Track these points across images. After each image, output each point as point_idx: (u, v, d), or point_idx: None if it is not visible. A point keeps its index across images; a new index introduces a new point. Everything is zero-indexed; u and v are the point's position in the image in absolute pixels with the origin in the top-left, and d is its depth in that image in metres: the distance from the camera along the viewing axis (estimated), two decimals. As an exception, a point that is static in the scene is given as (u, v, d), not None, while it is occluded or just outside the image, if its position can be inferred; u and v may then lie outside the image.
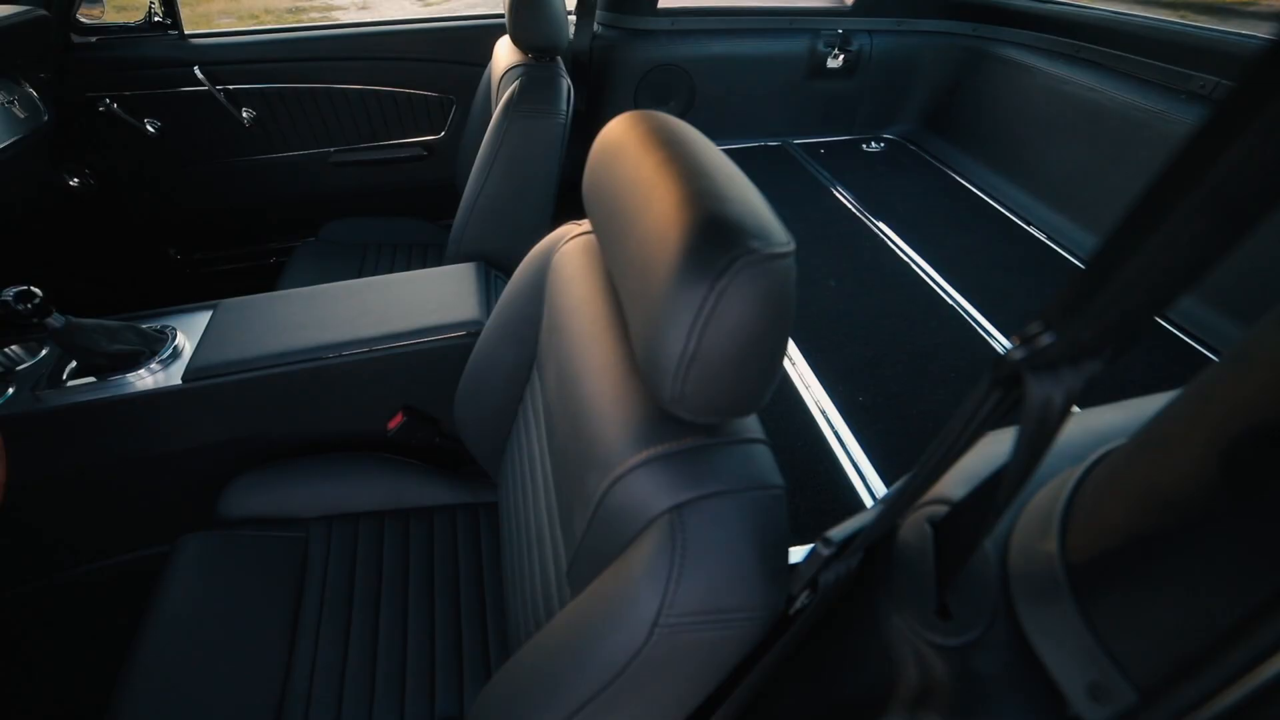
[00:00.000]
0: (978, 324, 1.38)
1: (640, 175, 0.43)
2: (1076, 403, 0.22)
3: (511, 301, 0.71)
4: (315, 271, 1.41)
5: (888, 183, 1.98)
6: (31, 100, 1.31)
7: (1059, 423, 0.22)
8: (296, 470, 0.94)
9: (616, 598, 0.40)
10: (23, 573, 1.01)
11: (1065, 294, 0.21)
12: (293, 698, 0.73)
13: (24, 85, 1.30)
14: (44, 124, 1.33)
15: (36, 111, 1.32)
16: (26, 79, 1.31)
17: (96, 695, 0.79)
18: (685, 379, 0.38)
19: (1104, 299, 0.20)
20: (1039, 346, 0.22)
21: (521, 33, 1.10)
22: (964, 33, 2.06)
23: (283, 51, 1.58)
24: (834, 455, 1.08)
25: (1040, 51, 1.87)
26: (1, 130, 1.21)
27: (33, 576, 1.04)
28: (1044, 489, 0.31)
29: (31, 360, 0.91)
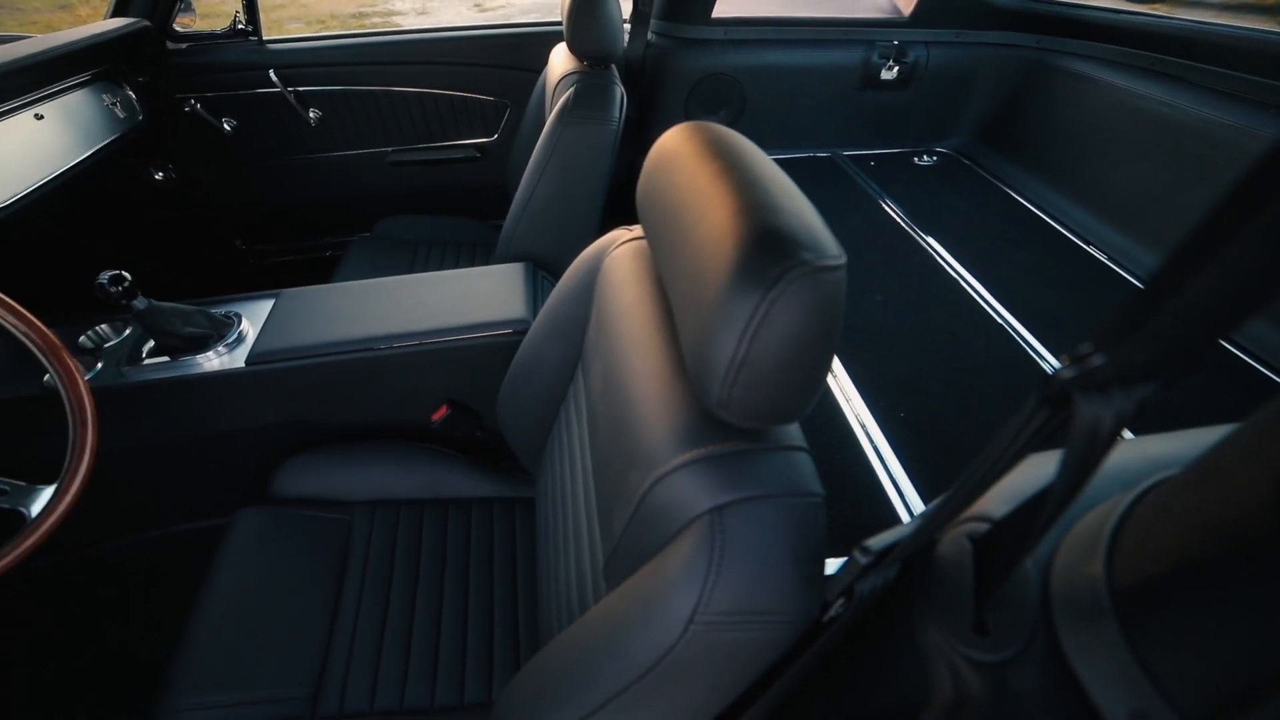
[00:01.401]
0: (1028, 344, 1.33)
1: (696, 185, 0.44)
2: (1128, 426, 0.22)
3: (560, 301, 0.73)
4: (369, 266, 1.47)
5: (939, 197, 1.93)
6: (130, 102, 1.43)
7: (1107, 445, 0.22)
8: (345, 455, 0.98)
9: (654, 593, 0.41)
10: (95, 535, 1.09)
11: (1119, 314, 0.20)
12: (332, 669, 0.76)
13: (125, 88, 1.42)
14: (139, 123, 1.44)
15: (134, 112, 1.44)
16: (127, 82, 1.43)
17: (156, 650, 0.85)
18: (734, 383, 0.38)
19: (1160, 321, 0.19)
20: (1090, 366, 0.21)
21: (578, 41, 1.13)
22: (1027, 45, 1.99)
23: (348, 56, 1.66)
24: (872, 469, 1.06)
25: (1111, 64, 1.79)
26: (104, 129, 1.33)
27: (103, 539, 1.12)
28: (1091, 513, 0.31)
29: (117, 339, 0.99)
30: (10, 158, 1.10)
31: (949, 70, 2.04)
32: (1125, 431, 0.22)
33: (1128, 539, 0.27)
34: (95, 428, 0.70)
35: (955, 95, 2.10)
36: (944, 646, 0.31)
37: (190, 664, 0.73)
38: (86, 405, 0.70)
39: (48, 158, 1.17)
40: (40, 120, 1.18)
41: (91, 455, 0.69)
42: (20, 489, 0.67)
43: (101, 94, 1.35)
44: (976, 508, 0.34)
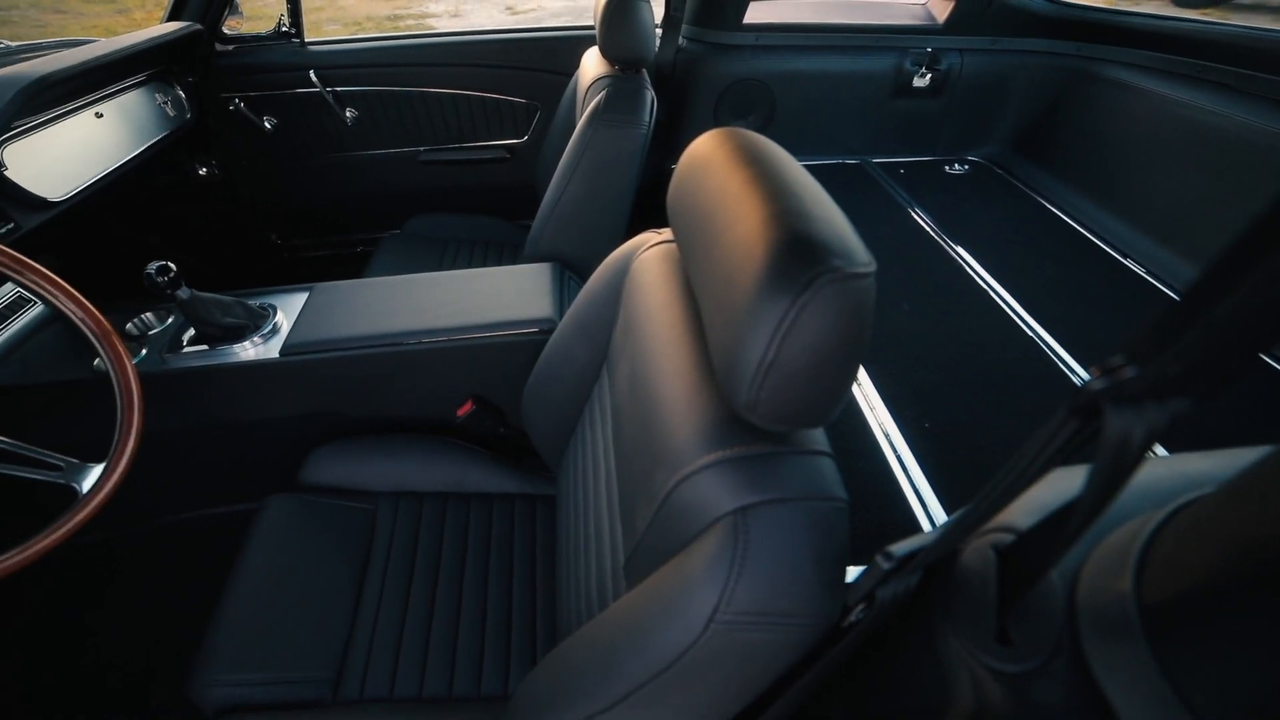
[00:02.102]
0: (1058, 358, 1.30)
1: (728, 190, 0.45)
2: (1160, 441, 0.22)
3: (588, 302, 0.74)
4: (399, 263, 1.50)
5: (969, 206, 1.90)
6: (180, 101, 1.50)
7: (1137, 459, 0.22)
8: (371, 446, 1.01)
9: (676, 591, 0.42)
10: (132, 515, 1.13)
11: (1154, 326, 0.20)
12: (354, 654, 0.78)
13: (176, 88, 1.49)
14: (187, 121, 1.51)
15: (183, 110, 1.50)
16: (178, 82, 1.50)
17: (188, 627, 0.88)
18: (761, 386, 0.39)
19: (1196, 334, 0.19)
20: (1121, 378, 0.21)
21: (611, 45, 1.14)
22: (1066, 52, 1.95)
23: (385, 57, 1.70)
24: (895, 479, 1.05)
25: (1155, 73, 1.74)
26: (156, 127, 1.39)
27: (140, 519, 1.17)
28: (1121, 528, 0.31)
29: (160, 327, 1.03)
30: (73, 153, 1.16)
31: (983, 78, 2.00)
32: (1158, 449, 0.22)
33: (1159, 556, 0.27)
34: (141, 410, 0.73)
35: (988, 103, 2.07)
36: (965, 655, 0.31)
37: (222, 641, 0.76)
38: (134, 389, 0.74)
39: (105, 153, 1.23)
40: (100, 118, 1.24)
41: (137, 436, 0.72)
42: (74, 465, 0.70)
43: (155, 93, 1.41)
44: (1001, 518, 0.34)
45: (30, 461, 0.68)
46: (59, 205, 1.09)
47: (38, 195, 1.04)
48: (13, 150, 1.03)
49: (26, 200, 1.03)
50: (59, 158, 1.12)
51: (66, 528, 0.65)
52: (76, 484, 0.69)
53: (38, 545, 0.62)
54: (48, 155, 1.10)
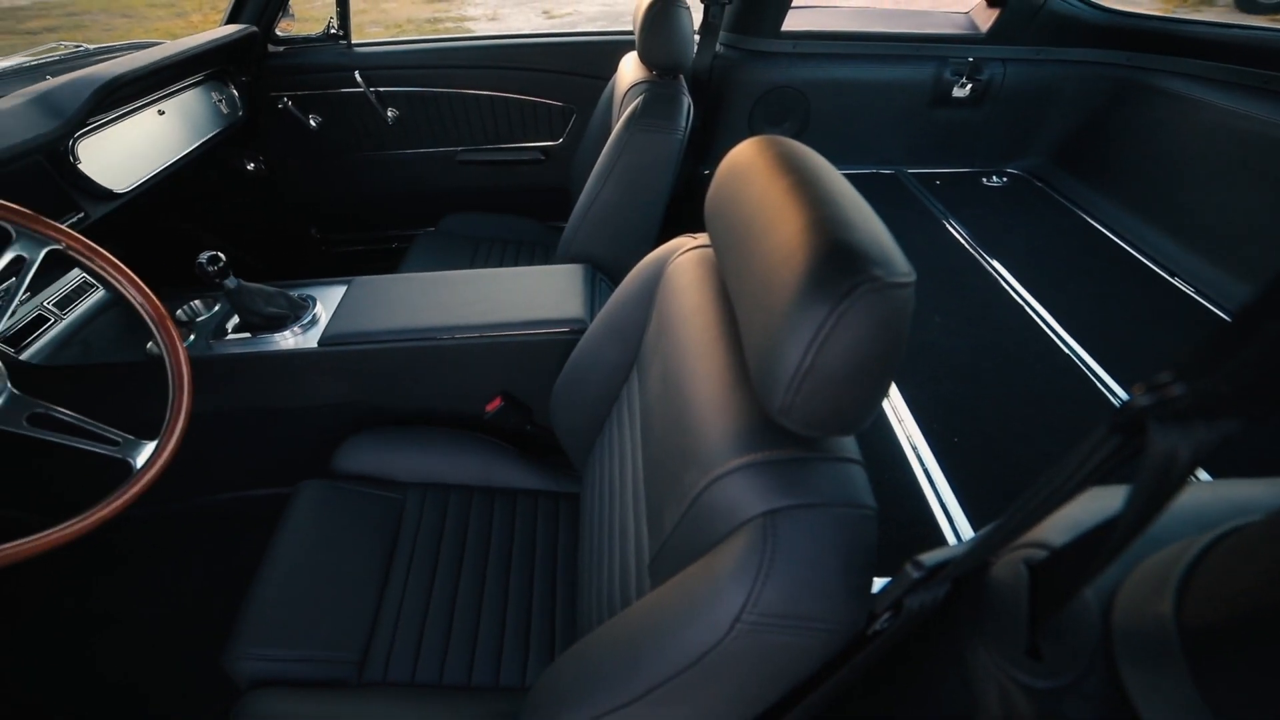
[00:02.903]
0: (1096, 377, 1.27)
1: (768, 198, 0.45)
2: (1206, 462, 0.21)
3: (621, 304, 0.75)
4: (433, 259, 1.53)
5: (1007, 219, 1.86)
6: (234, 99, 1.56)
7: (1181, 479, 0.21)
8: (401, 437, 1.03)
9: (702, 590, 0.42)
10: (173, 493, 1.18)
11: (1206, 343, 0.20)
12: (379, 639, 0.80)
13: (230, 87, 1.56)
14: (239, 119, 1.57)
15: (235, 108, 1.57)
16: (232, 82, 1.57)
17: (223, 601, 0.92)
18: (797, 391, 0.39)
19: (1252, 353, 0.19)
20: (1168, 395, 0.21)
21: (649, 51, 1.15)
22: (1117, 62, 1.89)
23: (427, 59, 1.75)
24: (921, 492, 1.04)
25: (1216, 83, 1.66)
26: (211, 123, 1.46)
27: (180, 497, 1.22)
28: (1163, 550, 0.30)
29: (208, 314, 1.08)
30: (137, 148, 1.22)
31: (1026, 88, 1.96)
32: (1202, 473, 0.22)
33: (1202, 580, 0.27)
34: (191, 392, 0.77)
35: (1030, 114, 2.02)
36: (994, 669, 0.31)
37: (255, 618, 0.79)
38: (185, 372, 0.77)
39: (165, 148, 1.30)
40: (162, 115, 1.31)
41: (186, 416, 0.76)
42: (130, 441, 0.74)
43: (211, 92, 1.48)
44: (1033, 534, 0.34)
45: (93, 436, 0.72)
46: (123, 196, 1.15)
47: (105, 187, 1.10)
48: (86, 145, 1.09)
49: (95, 191, 1.09)
50: (124, 152, 1.18)
51: (122, 500, 0.68)
52: (131, 459, 0.73)
53: (96, 515, 0.66)
54: (115, 150, 1.16)
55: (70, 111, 1.02)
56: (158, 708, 1.05)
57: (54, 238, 0.72)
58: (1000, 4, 1.84)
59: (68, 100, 1.03)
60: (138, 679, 1.08)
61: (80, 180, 1.07)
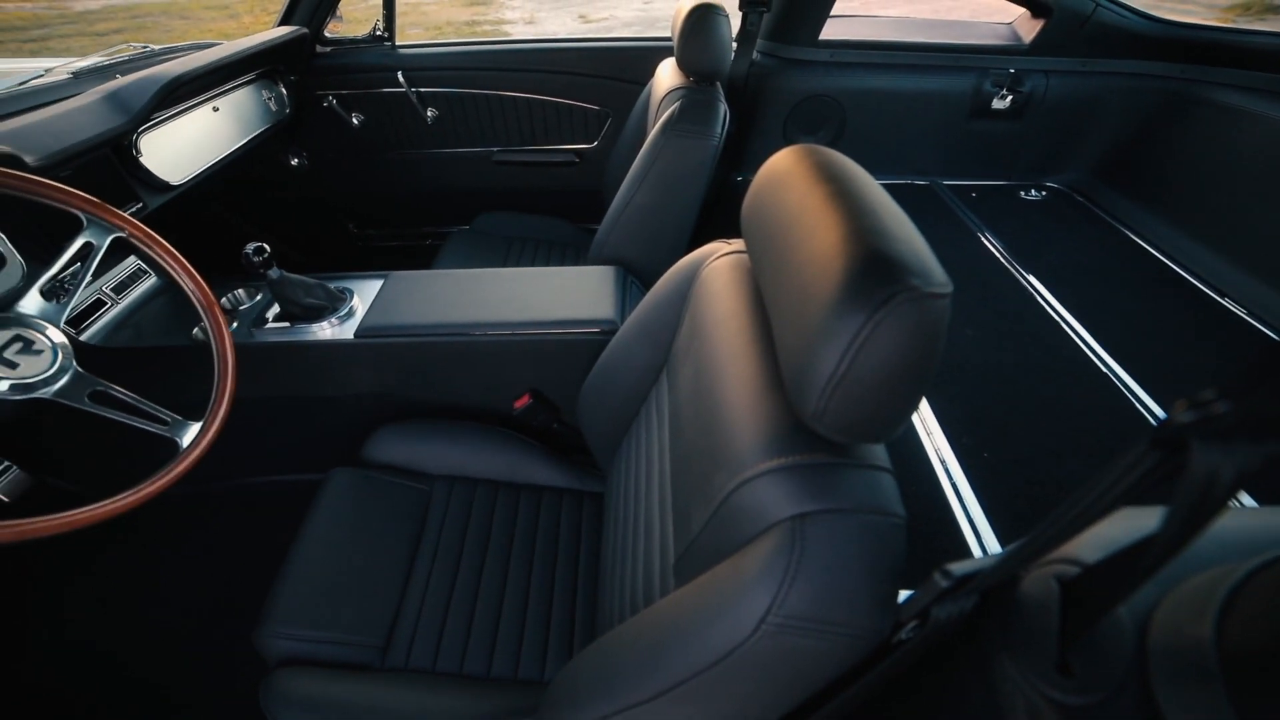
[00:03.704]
0: (1135, 396, 1.23)
1: (807, 206, 0.46)
2: (1249, 484, 0.21)
3: (653, 306, 0.75)
4: (466, 257, 1.56)
5: (1044, 234, 1.81)
6: (282, 97, 1.62)
7: (1223, 500, 0.21)
8: (431, 430, 1.05)
9: (728, 590, 0.43)
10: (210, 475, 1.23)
11: (1254, 362, 0.20)
12: (402, 626, 0.82)
13: (279, 85, 1.62)
14: (286, 116, 1.63)
15: (283, 106, 1.63)
16: (281, 80, 1.63)
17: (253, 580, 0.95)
18: (831, 396, 0.40)
19: None
20: (1212, 413, 0.21)
21: (688, 57, 1.16)
22: (1168, 75, 1.83)
23: (467, 61, 1.79)
24: (949, 507, 1.02)
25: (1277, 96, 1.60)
26: (260, 120, 1.52)
27: (217, 479, 1.26)
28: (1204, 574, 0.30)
29: (250, 303, 1.12)
30: (192, 142, 1.28)
31: (1069, 101, 1.91)
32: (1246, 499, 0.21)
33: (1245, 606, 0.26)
34: (235, 377, 0.80)
35: (1073, 127, 1.97)
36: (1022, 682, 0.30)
37: (286, 598, 0.81)
38: (229, 357, 0.80)
39: (218, 143, 1.36)
40: (216, 112, 1.36)
41: (230, 400, 0.79)
42: (178, 422, 0.77)
43: (261, 90, 1.54)
44: (1065, 550, 0.34)
45: (146, 415, 0.76)
46: (178, 188, 1.20)
47: (162, 179, 1.16)
48: (147, 139, 1.14)
49: (153, 183, 1.14)
50: (180, 146, 1.24)
51: (169, 477, 0.72)
52: (178, 438, 0.76)
53: (146, 490, 0.69)
54: (172, 144, 1.22)
55: (136, 108, 1.07)
56: (192, 679, 1.09)
57: (120, 226, 0.76)
58: (1045, 15, 1.80)
59: (135, 97, 1.08)
60: (173, 651, 1.12)
61: (141, 172, 1.12)
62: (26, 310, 0.71)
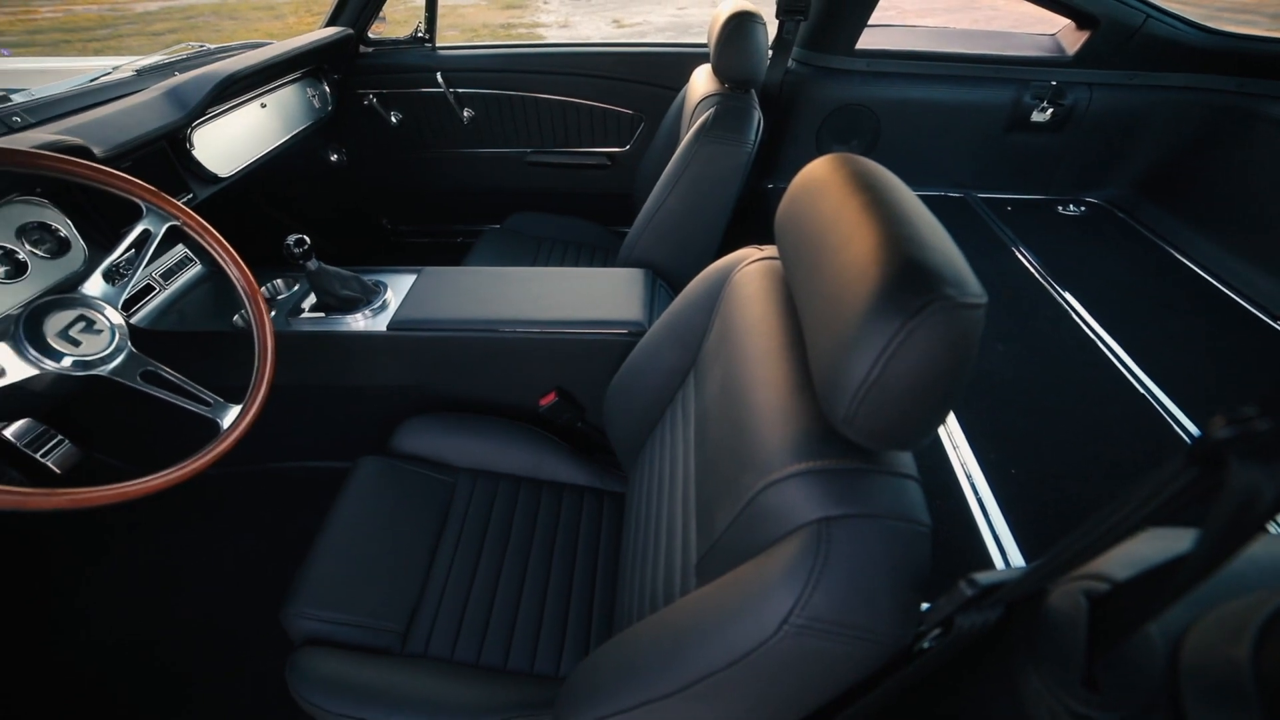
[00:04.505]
0: (1173, 418, 1.19)
1: (843, 214, 0.46)
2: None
3: (683, 309, 0.76)
4: (497, 255, 1.59)
5: (1083, 250, 1.77)
6: (325, 95, 1.68)
7: (1262, 520, 0.20)
8: (458, 423, 1.07)
9: (752, 590, 0.43)
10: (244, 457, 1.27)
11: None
12: (423, 614, 0.84)
13: (323, 84, 1.67)
14: (328, 113, 1.68)
15: (326, 103, 1.68)
16: (325, 79, 1.68)
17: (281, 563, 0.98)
18: (862, 402, 0.40)
19: None
20: (1252, 430, 0.20)
21: (724, 64, 1.17)
22: (1224, 89, 1.76)
23: (505, 63, 1.82)
24: (974, 522, 1.00)
25: None
26: (304, 117, 1.58)
27: (251, 461, 1.30)
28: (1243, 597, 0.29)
29: (288, 293, 1.15)
30: (241, 137, 1.34)
31: (1113, 114, 1.87)
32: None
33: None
34: (274, 363, 0.83)
35: (1116, 142, 1.92)
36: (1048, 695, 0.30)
37: (311, 580, 0.84)
38: (269, 343, 0.83)
39: (264, 138, 1.41)
40: (264, 108, 1.42)
41: (268, 385, 0.82)
42: (219, 404, 0.81)
43: (306, 88, 1.59)
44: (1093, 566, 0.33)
45: (191, 396, 0.79)
46: (225, 181, 1.25)
47: (212, 171, 1.21)
48: (200, 133, 1.19)
49: (204, 175, 1.19)
50: (229, 140, 1.29)
51: (212, 455, 0.75)
52: (219, 419, 0.79)
53: (190, 466, 0.72)
54: (222, 138, 1.27)
55: (192, 104, 1.12)
56: (220, 651, 1.12)
57: (176, 215, 0.80)
58: (1091, 26, 1.76)
59: (191, 94, 1.13)
60: (204, 625, 1.16)
61: (192, 164, 1.17)
62: (90, 292, 0.75)
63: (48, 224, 0.86)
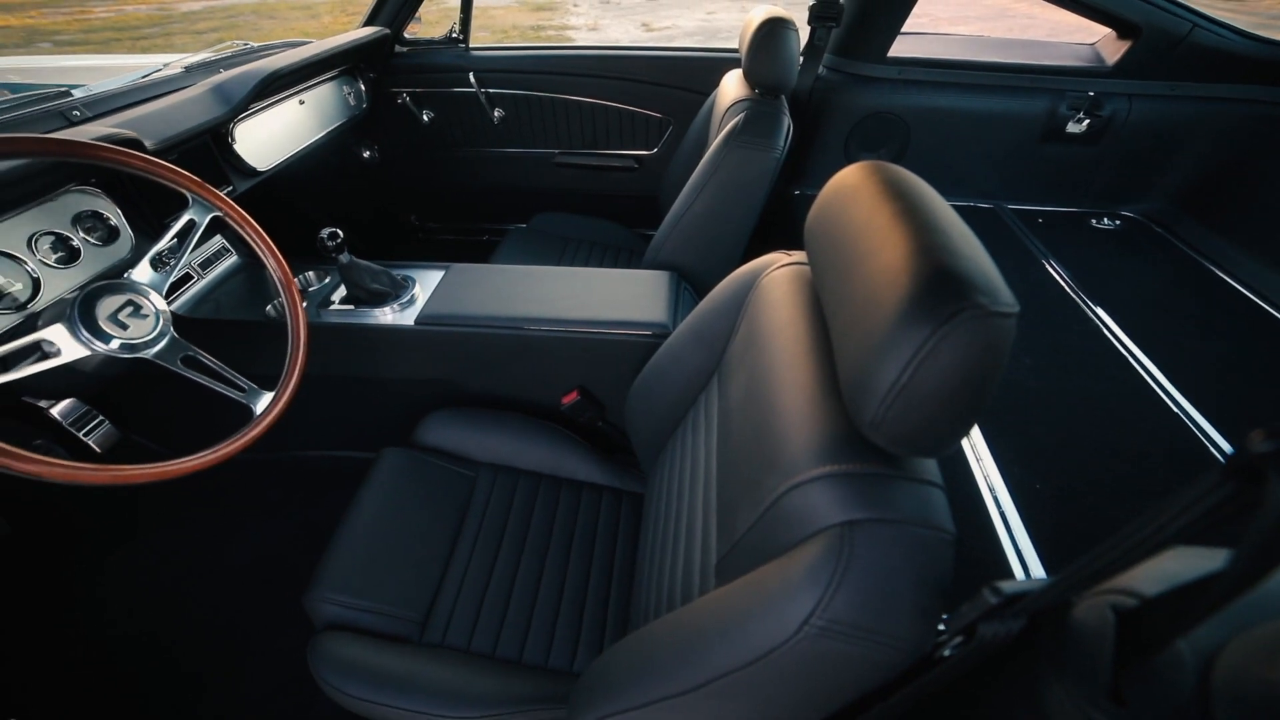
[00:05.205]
0: (1209, 440, 1.15)
1: (875, 221, 0.46)
2: None
3: (709, 312, 0.76)
4: (523, 254, 1.61)
5: (1116, 264, 1.73)
6: (360, 93, 1.72)
7: None
8: (480, 418, 1.09)
9: (773, 590, 0.43)
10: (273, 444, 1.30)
11: None
12: (441, 604, 0.85)
13: (359, 82, 1.72)
14: (363, 111, 1.72)
15: (361, 101, 1.72)
16: (361, 77, 1.72)
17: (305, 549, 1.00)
18: (890, 406, 0.40)
19: None
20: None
21: (755, 70, 1.17)
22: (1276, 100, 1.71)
23: (536, 65, 1.85)
24: (996, 536, 0.98)
25: None
26: (340, 114, 1.62)
27: (279, 448, 1.33)
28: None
29: (319, 285, 1.18)
30: (279, 132, 1.38)
31: (1153, 126, 1.82)
32: None
33: None
34: (306, 352, 0.86)
35: (1155, 154, 1.87)
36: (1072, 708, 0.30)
37: (334, 566, 0.86)
38: (302, 333, 0.86)
39: (301, 134, 1.45)
40: (302, 105, 1.46)
41: (300, 373, 0.84)
42: (254, 390, 0.83)
43: (343, 86, 1.63)
44: (1121, 580, 0.33)
45: (227, 381, 0.82)
46: (263, 174, 1.29)
47: (251, 165, 1.25)
48: (241, 128, 1.23)
49: (243, 168, 1.23)
50: (268, 135, 1.33)
51: (246, 439, 0.77)
52: (253, 405, 0.82)
53: (225, 450, 0.75)
54: (261, 133, 1.31)
55: (237, 99, 1.17)
56: (245, 630, 1.15)
57: (219, 206, 0.83)
58: (1133, 35, 1.72)
59: (236, 90, 1.18)
60: (229, 607, 1.19)
61: (233, 158, 1.21)
62: (139, 278, 0.78)
63: (100, 213, 0.90)
